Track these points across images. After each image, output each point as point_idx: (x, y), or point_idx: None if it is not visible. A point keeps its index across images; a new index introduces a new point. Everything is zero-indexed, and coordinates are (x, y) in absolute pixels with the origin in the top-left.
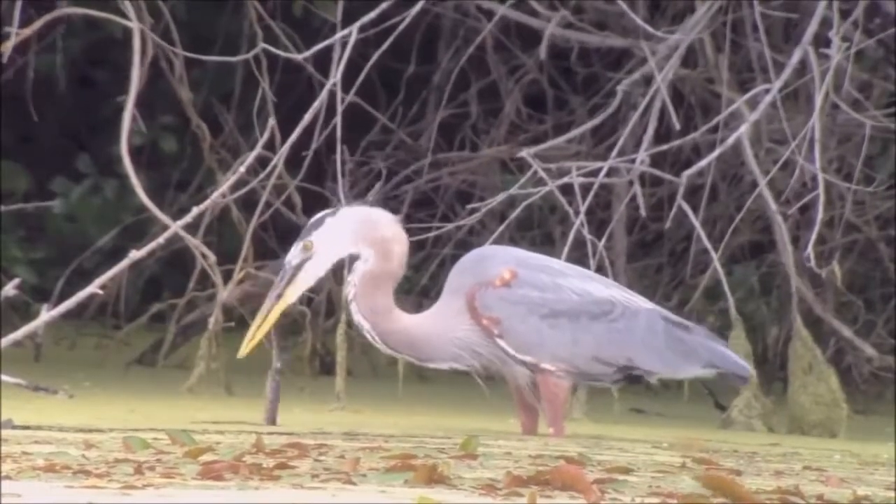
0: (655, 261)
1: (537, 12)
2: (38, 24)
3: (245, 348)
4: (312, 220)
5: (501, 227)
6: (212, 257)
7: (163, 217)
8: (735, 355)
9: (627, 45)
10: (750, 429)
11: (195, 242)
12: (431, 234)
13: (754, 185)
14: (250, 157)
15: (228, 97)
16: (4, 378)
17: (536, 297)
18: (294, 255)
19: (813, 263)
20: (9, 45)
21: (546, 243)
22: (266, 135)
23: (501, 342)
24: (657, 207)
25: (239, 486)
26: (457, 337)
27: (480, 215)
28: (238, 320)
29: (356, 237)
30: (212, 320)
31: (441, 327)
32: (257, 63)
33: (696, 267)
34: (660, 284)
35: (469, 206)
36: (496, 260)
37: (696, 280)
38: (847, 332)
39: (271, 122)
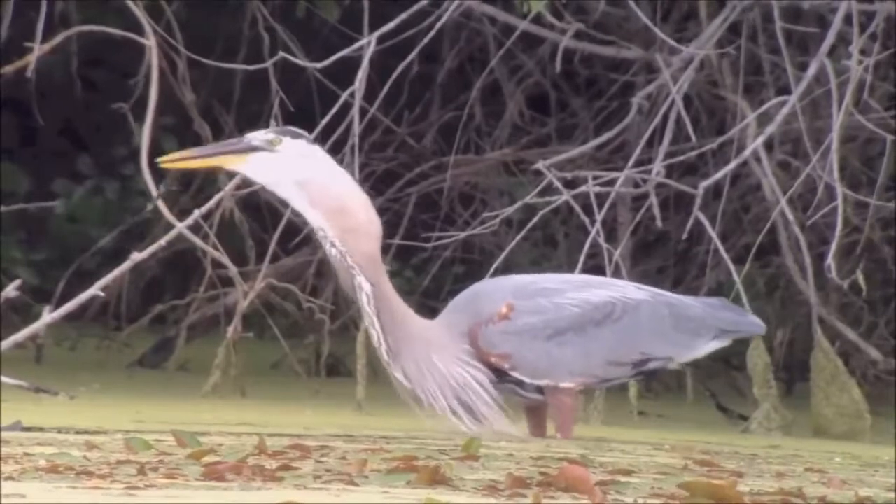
0: (657, 263)
1: (552, 25)
2: (57, 40)
3: (165, 162)
4: (297, 129)
5: (517, 238)
6: (233, 268)
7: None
8: (745, 314)
9: (642, 57)
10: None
11: (227, 264)
12: (435, 238)
13: (757, 186)
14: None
15: (228, 99)
16: (5, 380)
17: (538, 321)
18: (257, 137)
19: (834, 274)
20: (31, 59)
21: (548, 244)
22: None
23: (515, 374)
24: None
25: (241, 486)
26: (467, 378)
27: (494, 224)
28: (256, 326)
29: (313, 202)
30: (230, 329)
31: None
32: (276, 69)
33: (701, 269)
34: (662, 287)
35: (486, 215)
36: (491, 297)
37: (699, 282)
38: (852, 334)
39: (272, 124)
